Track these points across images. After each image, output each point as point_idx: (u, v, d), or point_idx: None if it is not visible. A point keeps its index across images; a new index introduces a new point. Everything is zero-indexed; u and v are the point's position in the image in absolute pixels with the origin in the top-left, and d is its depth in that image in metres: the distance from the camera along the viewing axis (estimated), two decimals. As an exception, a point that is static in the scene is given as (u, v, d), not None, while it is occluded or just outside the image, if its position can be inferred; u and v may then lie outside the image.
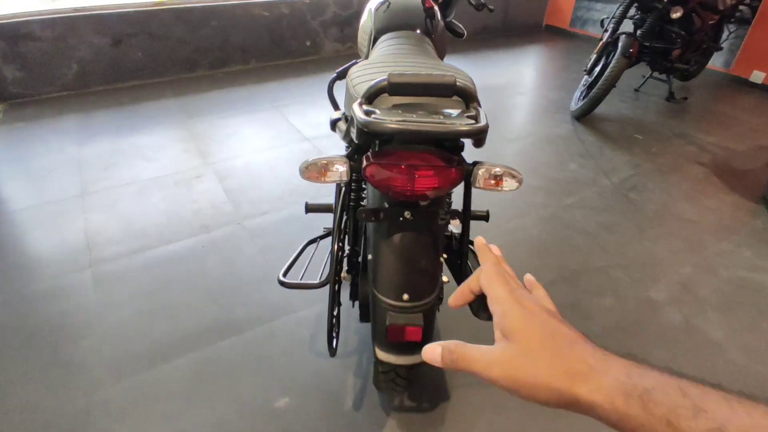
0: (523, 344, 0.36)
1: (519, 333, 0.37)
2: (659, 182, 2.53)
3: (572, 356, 0.34)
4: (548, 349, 0.35)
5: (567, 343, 0.35)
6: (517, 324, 0.37)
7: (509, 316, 0.38)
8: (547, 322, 0.37)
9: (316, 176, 0.89)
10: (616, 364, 0.33)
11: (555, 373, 0.34)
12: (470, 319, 0.86)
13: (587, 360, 0.34)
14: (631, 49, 2.87)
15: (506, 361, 0.36)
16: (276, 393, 1.40)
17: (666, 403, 0.30)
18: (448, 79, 0.72)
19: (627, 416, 0.31)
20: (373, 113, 0.70)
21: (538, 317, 0.37)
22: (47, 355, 1.49)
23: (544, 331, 0.36)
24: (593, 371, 0.33)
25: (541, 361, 0.35)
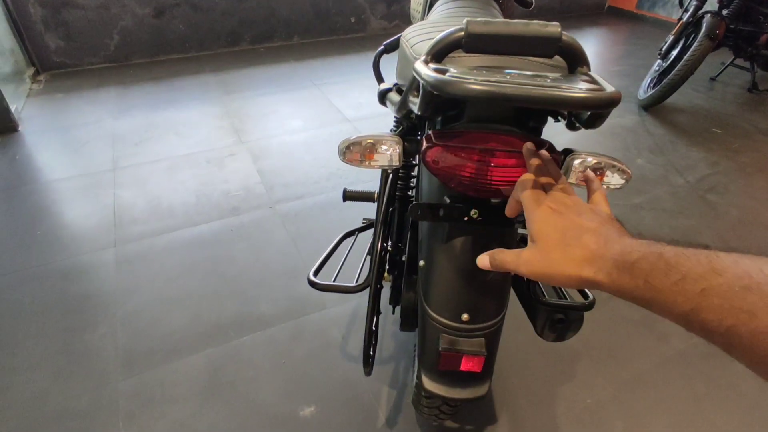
0: (541, 243, 0.44)
1: (538, 235, 0.45)
2: (743, 184, 2.22)
3: (579, 246, 0.42)
4: (560, 243, 0.43)
5: (575, 236, 0.42)
6: (536, 225, 0.46)
7: (531, 223, 0.47)
8: (563, 219, 0.45)
9: (359, 159, 0.70)
10: (614, 247, 0.39)
11: (566, 262, 0.42)
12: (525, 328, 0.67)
13: (590, 246, 0.41)
14: (718, 30, 2.52)
15: (530, 259, 0.45)
16: (301, 400, 1.25)
17: (645, 268, 0.36)
18: (553, 30, 0.50)
19: (621, 286, 0.38)
20: (447, 71, 0.49)
21: (556, 216, 0.45)
22: (59, 341, 1.39)
23: (557, 229, 0.44)
24: (595, 256, 0.40)
25: (554, 255, 0.43)
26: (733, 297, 0.29)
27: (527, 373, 1.33)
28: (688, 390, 1.29)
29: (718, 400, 1.26)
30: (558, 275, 0.42)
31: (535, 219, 0.46)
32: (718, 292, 0.30)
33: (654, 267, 0.34)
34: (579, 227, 0.43)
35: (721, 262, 0.31)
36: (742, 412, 1.23)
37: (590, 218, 0.44)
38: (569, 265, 0.41)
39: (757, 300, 0.28)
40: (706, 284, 0.31)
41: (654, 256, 0.35)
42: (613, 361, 1.36)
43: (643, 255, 0.36)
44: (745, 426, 1.20)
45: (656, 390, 1.29)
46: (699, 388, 1.29)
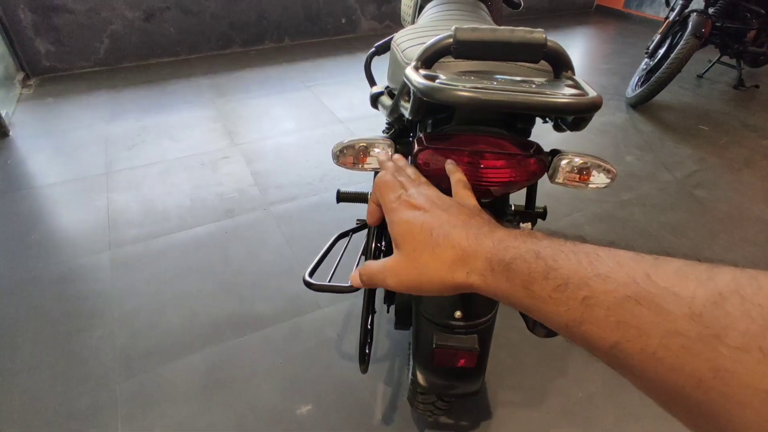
0: (406, 248, 0.37)
1: (401, 239, 0.38)
2: (730, 179, 2.26)
3: (447, 246, 0.35)
4: (427, 244, 0.36)
5: (443, 234, 0.36)
6: (398, 231, 0.39)
7: (393, 225, 0.40)
8: (428, 218, 0.38)
9: (352, 162, 0.72)
10: (485, 242, 0.33)
11: (435, 266, 0.35)
12: (517, 325, 0.70)
13: (461, 244, 0.34)
14: (704, 28, 2.56)
15: (396, 268, 0.38)
16: (298, 398, 1.26)
17: (523, 269, 0.30)
18: (538, 36, 0.53)
19: (498, 289, 0.32)
20: (437, 78, 0.51)
21: (420, 215, 0.38)
22: (57, 344, 1.40)
23: (423, 229, 0.37)
24: (467, 255, 0.34)
25: (421, 260, 0.36)
26: (619, 309, 0.25)
27: (520, 369, 1.35)
28: (677, 382, 1.32)
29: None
30: (429, 283, 0.36)
31: (396, 220, 0.39)
32: (602, 301, 0.26)
33: (532, 269, 0.30)
34: (447, 223, 0.36)
35: (603, 264, 0.27)
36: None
37: (458, 212, 0.38)
38: (440, 269, 0.35)
39: (646, 314, 0.23)
40: (589, 292, 0.26)
41: (531, 254, 0.30)
42: (604, 355, 1.39)
43: (518, 253, 0.31)
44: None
45: (646, 382, 1.32)
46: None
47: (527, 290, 0.30)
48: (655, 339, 0.23)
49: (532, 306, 0.30)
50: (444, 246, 0.35)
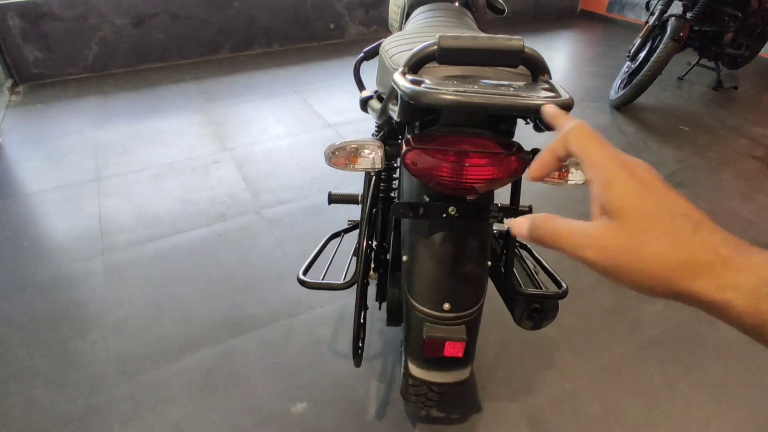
0: (632, 223, 0.28)
1: (627, 209, 0.29)
2: (710, 178, 2.33)
3: (695, 243, 0.27)
4: (665, 231, 0.28)
5: (691, 226, 0.28)
6: (624, 197, 0.29)
7: (614, 187, 0.29)
8: (666, 197, 0.29)
9: (344, 163, 0.76)
10: (757, 258, 0.26)
11: (670, 261, 0.27)
12: (507, 321, 0.74)
13: (717, 249, 0.27)
14: (682, 32, 2.64)
15: (607, 241, 0.29)
16: (293, 397, 1.29)
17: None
18: (516, 43, 0.57)
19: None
20: (423, 83, 0.55)
21: (654, 190, 0.29)
22: (52, 349, 1.41)
23: (661, 208, 0.28)
24: (726, 265, 0.26)
25: (653, 245, 0.27)
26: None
27: (509, 363, 1.39)
28: (661, 373, 1.37)
29: (690, 381, 1.34)
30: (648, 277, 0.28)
31: (622, 187, 0.29)
32: None
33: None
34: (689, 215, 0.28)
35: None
36: (712, 391, 1.32)
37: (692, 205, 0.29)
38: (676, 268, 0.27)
39: None
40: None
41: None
42: (590, 349, 1.44)
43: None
44: (714, 404, 1.28)
45: (631, 374, 1.36)
46: (671, 370, 1.37)
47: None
48: None
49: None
50: (690, 243, 0.27)
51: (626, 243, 0.28)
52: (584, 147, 0.32)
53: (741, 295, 0.26)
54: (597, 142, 0.32)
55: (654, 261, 0.27)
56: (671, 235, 0.27)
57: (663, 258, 0.27)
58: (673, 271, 0.27)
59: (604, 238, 0.29)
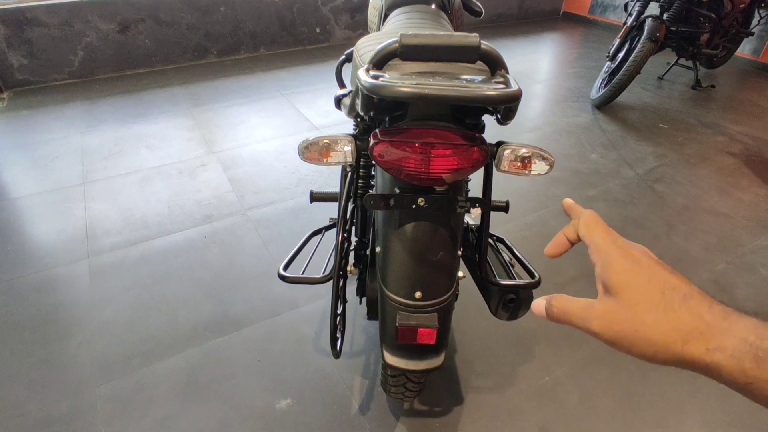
0: (629, 298, 0.33)
1: (623, 286, 0.34)
2: (687, 174, 2.39)
3: (685, 311, 0.31)
4: (657, 302, 0.32)
5: (679, 297, 0.32)
6: (620, 276, 0.34)
7: (612, 267, 0.35)
8: (656, 274, 0.34)
9: (317, 157, 0.78)
10: (740, 322, 0.30)
11: (664, 329, 0.32)
12: (487, 315, 0.77)
13: (704, 316, 0.31)
14: (658, 32, 2.71)
15: (608, 314, 0.34)
16: (278, 394, 1.31)
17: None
18: (472, 40, 0.60)
19: (759, 380, 0.28)
20: (382, 77, 0.58)
21: (646, 268, 0.34)
22: (36, 351, 1.42)
23: (652, 284, 0.33)
24: (712, 329, 0.30)
25: (647, 316, 0.32)
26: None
27: (490, 356, 1.42)
28: (637, 364, 1.40)
29: (665, 372, 1.38)
30: (647, 344, 0.32)
31: (618, 267, 0.35)
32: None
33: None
34: (679, 288, 0.33)
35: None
36: (687, 381, 1.35)
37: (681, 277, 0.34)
38: (669, 335, 0.31)
39: None
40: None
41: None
42: (568, 343, 1.47)
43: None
44: (689, 394, 1.32)
45: (608, 366, 1.40)
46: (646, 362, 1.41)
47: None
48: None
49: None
50: (679, 311, 0.32)
51: (624, 315, 0.33)
52: (590, 233, 0.38)
53: (727, 356, 0.29)
54: (602, 229, 0.38)
55: (649, 330, 0.32)
56: (662, 305, 0.32)
57: (656, 327, 0.32)
58: (666, 337, 0.31)
59: (605, 312, 0.34)
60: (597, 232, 0.38)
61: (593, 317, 0.35)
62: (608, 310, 0.34)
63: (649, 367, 1.39)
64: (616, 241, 0.37)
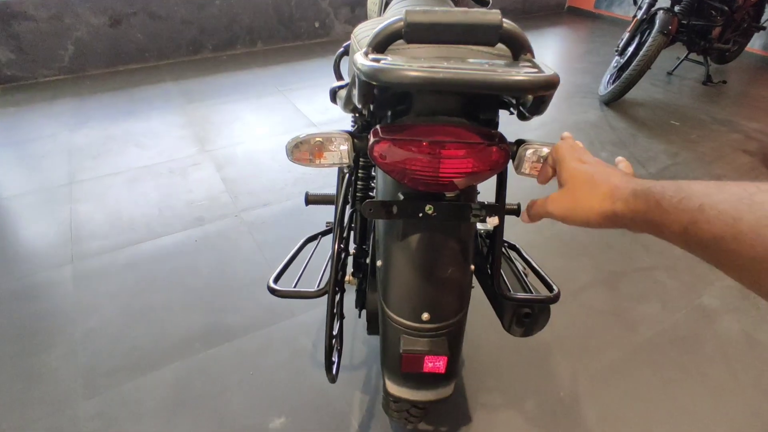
0: (570, 185, 0.51)
1: (568, 179, 0.52)
2: (702, 173, 2.28)
3: (605, 184, 0.47)
4: (588, 183, 0.49)
5: (603, 176, 0.48)
6: (567, 173, 0.52)
7: (563, 170, 0.53)
8: (590, 167, 0.51)
9: (308, 158, 0.68)
10: (634, 182, 0.45)
11: (589, 197, 0.48)
12: (498, 326, 0.68)
13: (614, 182, 0.46)
14: (670, 25, 2.60)
15: (559, 199, 0.52)
16: (271, 411, 1.21)
17: (659, 191, 0.40)
18: (493, 17, 0.49)
19: (636, 210, 0.42)
20: (383, 60, 0.48)
21: (586, 166, 0.51)
22: (15, 364, 1.32)
23: (587, 173, 0.50)
24: (617, 189, 0.45)
25: (580, 192, 0.49)
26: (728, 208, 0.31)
27: (500, 370, 1.32)
28: (658, 376, 1.30)
29: (687, 385, 1.28)
30: (581, 209, 0.47)
31: (568, 167, 0.52)
32: (715, 205, 0.33)
33: (666, 190, 0.38)
34: (607, 173, 0.48)
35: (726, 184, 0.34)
36: (710, 395, 1.26)
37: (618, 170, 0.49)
38: (593, 200, 0.46)
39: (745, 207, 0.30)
40: (706, 199, 0.33)
41: (668, 182, 0.39)
42: (585, 353, 1.37)
43: (658, 182, 0.40)
44: (713, 409, 1.22)
45: (627, 378, 1.30)
46: (668, 374, 1.31)
47: (659, 206, 0.38)
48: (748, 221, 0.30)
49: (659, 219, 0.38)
50: (600, 184, 0.47)
51: (568, 196, 0.51)
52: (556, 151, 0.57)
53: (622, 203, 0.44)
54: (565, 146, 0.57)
55: (582, 201, 0.48)
56: (591, 183, 0.48)
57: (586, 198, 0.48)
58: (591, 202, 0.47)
59: (557, 198, 0.52)
60: (559, 148, 0.56)
61: (549, 203, 0.53)
62: (559, 195, 0.52)
63: (670, 378, 1.29)
64: (573, 153, 0.55)
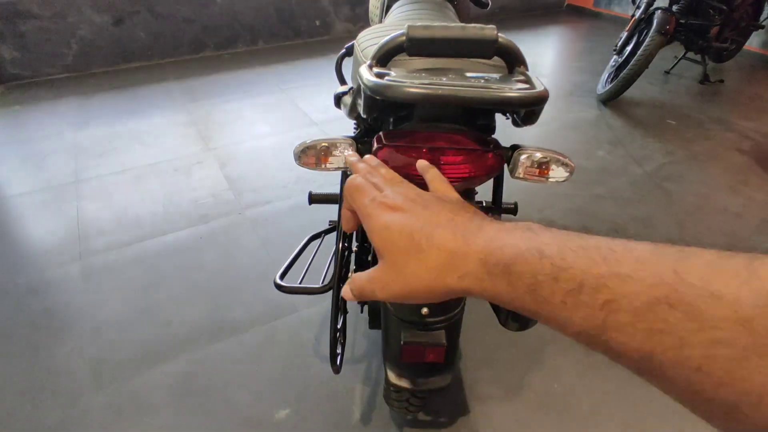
0: (389, 257, 0.33)
1: (382, 247, 0.34)
2: (697, 171, 2.32)
3: (433, 249, 0.31)
4: (409, 251, 0.32)
5: (425, 236, 0.32)
6: (378, 238, 0.34)
7: (371, 233, 0.35)
8: (407, 219, 0.33)
9: (314, 162, 0.72)
10: (476, 241, 0.30)
11: (421, 274, 0.31)
12: (494, 321, 0.73)
13: (447, 246, 0.31)
14: (668, 25, 2.63)
15: (383, 279, 0.34)
16: (276, 403, 1.25)
17: (526, 272, 0.27)
18: (489, 32, 0.54)
19: (498, 294, 0.28)
20: (387, 76, 0.52)
21: (399, 217, 0.34)
22: (26, 358, 1.36)
23: (403, 232, 0.33)
24: (455, 258, 0.30)
25: (406, 269, 0.32)
26: (648, 314, 0.22)
27: (497, 364, 1.37)
28: (649, 370, 1.35)
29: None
30: (418, 291, 0.32)
31: (374, 226, 0.35)
32: (626, 305, 0.22)
33: (536, 270, 0.26)
34: (428, 223, 0.33)
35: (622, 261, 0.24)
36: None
37: (440, 208, 0.34)
38: (427, 276, 0.31)
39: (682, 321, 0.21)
40: (610, 295, 0.23)
41: (533, 253, 0.27)
42: (578, 348, 1.40)
43: (518, 252, 0.27)
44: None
45: (621, 370, 1.33)
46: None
47: (534, 295, 0.26)
48: (697, 350, 0.20)
49: (542, 312, 0.26)
50: (428, 250, 0.31)
51: (393, 274, 0.33)
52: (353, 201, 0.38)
53: (470, 279, 0.29)
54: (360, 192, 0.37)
55: (412, 280, 0.32)
56: (413, 251, 0.32)
57: (416, 274, 0.31)
58: (428, 280, 0.31)
59: (380, 278, 0.34)
60: (356, 198, 0.37)
61: (375, 287, 0.35)
62: (381, 275, 0.34)
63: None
64: (373, 201, 0.36)
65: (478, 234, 0.30)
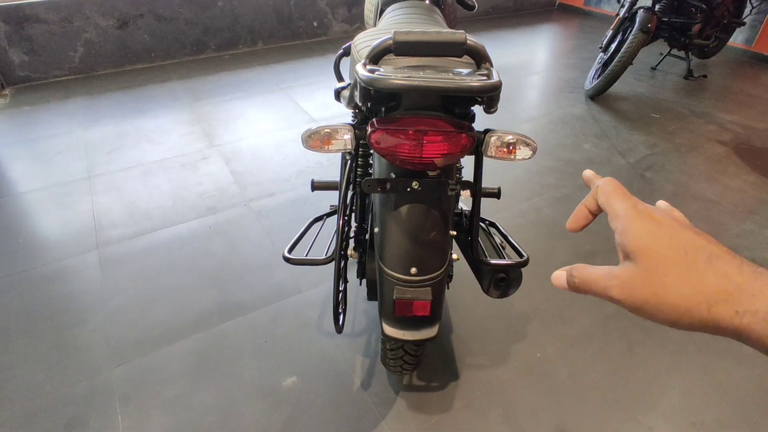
0: (648, 261, 0.31)
1: (643, 249, 0.32)
2: (677, 162, 2.45)
3: (710, 272, 0.29)
4: (679, 264, 0.30)
5: (704, 257, 0.30)
6: (640, 239, 0.32)
7: (630, 232, 0.33)
8: (678, 234, 0.32)
9: (319, 145, 0.85)
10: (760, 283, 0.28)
11: (687, 292, 0.29)
12: (482, 298, 0.84)
13: (732, 277, 0.29)
14: (650, 23, 2.76)
15: (629, 280, 0.32)
16: (283, 373, 1.38)
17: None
18: (459, 36, 0.67)
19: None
20: (377, 71, 0.65)
21: (667, 228, 0.32)
22: (50, 338, 1.48)
23: (674, 244, 0.31)
24: (741, 291, 0.28)
25: (668, 279, 0.30)
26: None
27: (484, 336, 1.49)
28: (625, 340, 1.48)
29: (650, 346, 1.45)
30: (670, 309, 0.30)
31: (637, 228, 0.33)
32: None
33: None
34: (705, 247, 0.31)
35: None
36: (670, 354, 1.43)
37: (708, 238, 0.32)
38: (693, 298, 0.29)
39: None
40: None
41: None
42: (560, 321, 1.54)
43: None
44: (672, 366, 1.39)
45: (597, 342, 1.47)
46: (633, 337, 1.48)
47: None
48: None
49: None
50: (705, 272, 0.30)
51: (644, 280, 0.31)
52: (609, 200, 0.36)
53: (759, 319, 0.27)
54: (621, 194, 0.36)
55: (671, 294, 0.30)
56: (685, 266, 0.30)
57: (679, 290, 0.30)
58: (689, 300, 0.29)
59: (625, 278, 0.32)
60: (615, 198, 0.36)
61: (614, 285, 0.33)
62: (628, 275, 0.32)
63: (635, 341, 1.46)
64: (636, 206, 0.35)
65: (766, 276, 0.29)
